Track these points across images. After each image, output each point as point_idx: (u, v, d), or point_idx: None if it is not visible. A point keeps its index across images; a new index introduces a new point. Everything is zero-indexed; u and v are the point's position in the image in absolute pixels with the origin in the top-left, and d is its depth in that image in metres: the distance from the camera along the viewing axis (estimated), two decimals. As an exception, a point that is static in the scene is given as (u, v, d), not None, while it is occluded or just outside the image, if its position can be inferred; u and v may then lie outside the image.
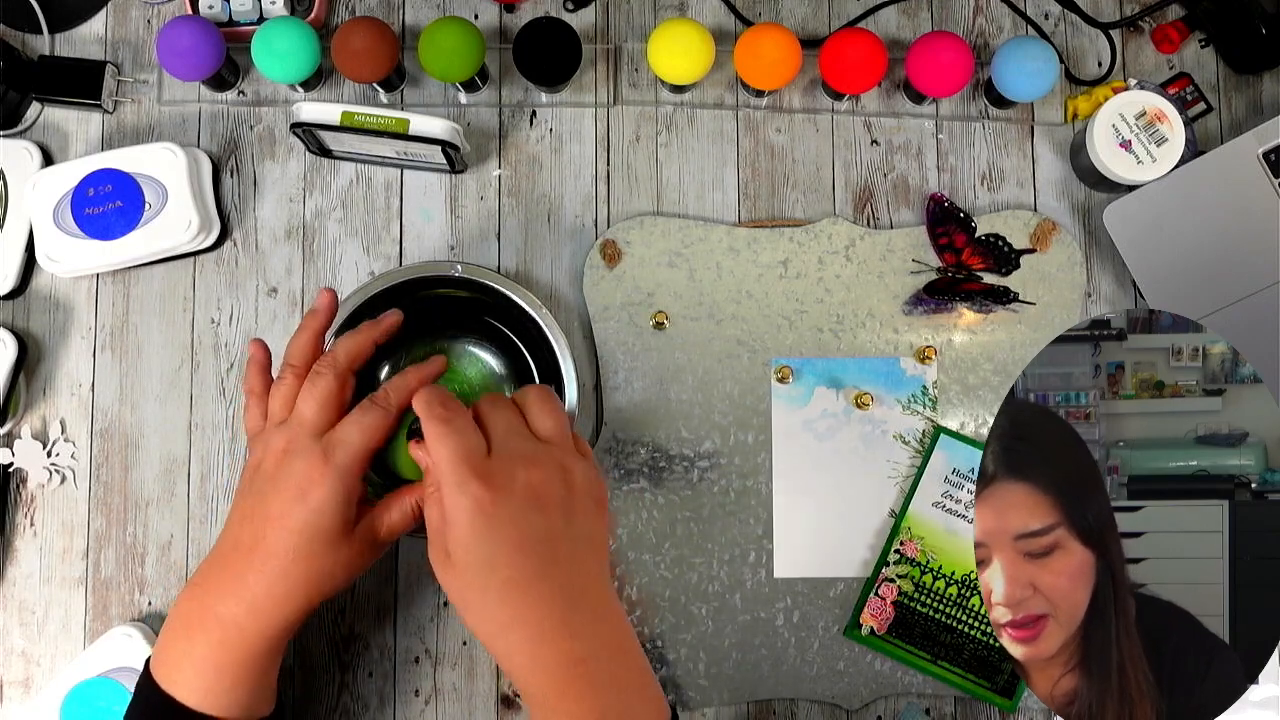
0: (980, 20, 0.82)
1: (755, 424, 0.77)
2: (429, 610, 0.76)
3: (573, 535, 0.57)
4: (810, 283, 0.78)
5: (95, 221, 0.74)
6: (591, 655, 0.56)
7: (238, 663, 0.59)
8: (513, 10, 0.81)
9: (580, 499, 0.58)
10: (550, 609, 0.55)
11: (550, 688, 0.55)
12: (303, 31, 0.74)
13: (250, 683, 0.60)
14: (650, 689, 0.58)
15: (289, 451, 0.59)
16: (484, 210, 0.79)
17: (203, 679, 0.58)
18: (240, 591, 0.59)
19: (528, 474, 0.56)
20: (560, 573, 0.56)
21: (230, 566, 0.59)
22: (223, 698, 0.59)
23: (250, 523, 0.59)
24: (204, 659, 0.59)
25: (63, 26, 0.81)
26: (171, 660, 0.60)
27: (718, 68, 0.78)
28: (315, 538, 0.58)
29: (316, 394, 0.60)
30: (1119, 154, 0.75)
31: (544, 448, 0.58)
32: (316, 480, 0.58)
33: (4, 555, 0.76)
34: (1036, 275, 0.78)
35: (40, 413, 0.77)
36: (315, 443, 0.59)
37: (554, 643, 0.55)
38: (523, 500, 0.56)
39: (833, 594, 0.76)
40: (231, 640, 0.59)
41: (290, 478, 0.58)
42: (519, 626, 0.55)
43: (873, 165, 0.80)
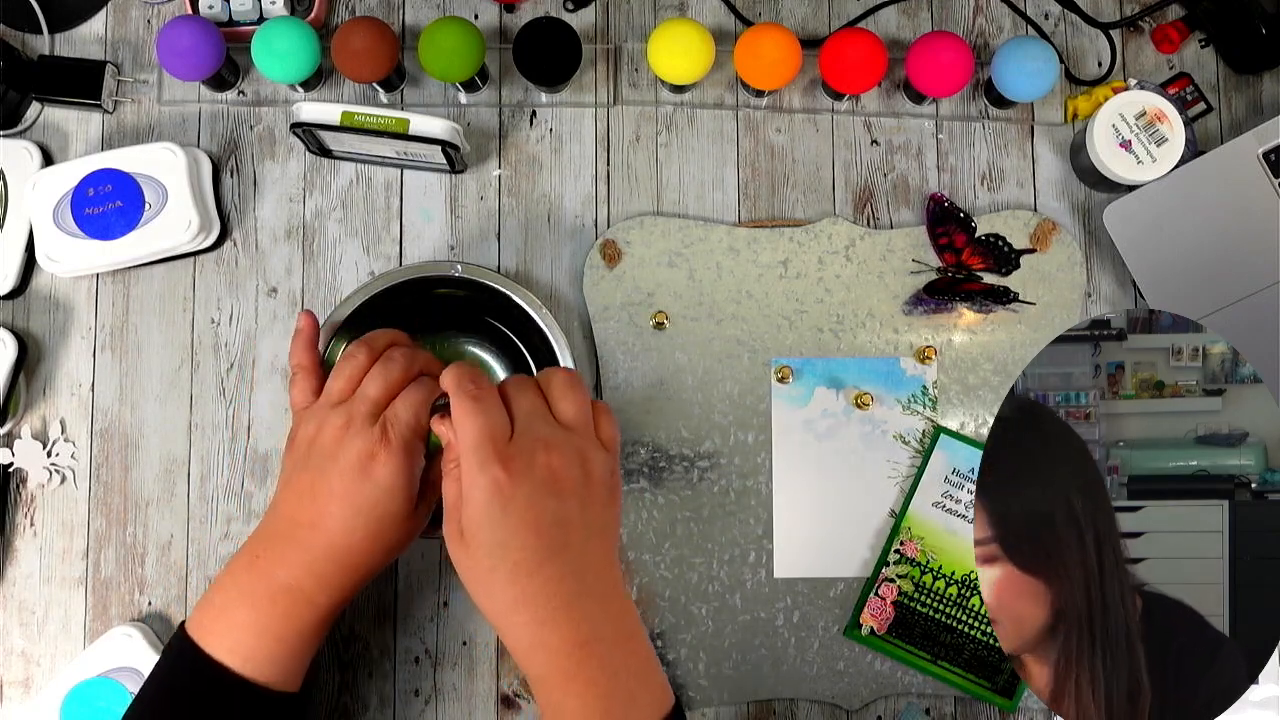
0: (980, 20, 0.82)
1: (755, 424, 0.77)
2: (429, 610, 0.76)
3: (586, 522, 0.57)
4: (810, 283, 0.78)
5: (95, 221, 0.74)
6: (596, 639, 0.56)
7: (299, 633, 0.60)
8: (513, 10, 0.81)
9: (596, 487, 0.58)
10: (557, 591, 0.55)
11: (554, 670, 0.56)
12: (303, 31, 0.74)
13: (304, 654, 0.61)
14: (655, 677, 0.58)
15: (349, 429, 0.59)
16: (484, 210, 0.79)
17: (263, 646, 0.59)
18: (309, 564, 0.59)
19: (547, 458, 0.56)
20: (570, 557, 0.56)
21: (294, 541, 0.59)
22: (274, 665, 0.59)
23: (311, 498, 0.59)
24: (267, 628, 0.59)
25: (63, 26, 0.81)
26: (223, 629, 0.59)
27: (718, 68, 0.78)
28: (384, 516, 0.59)
29: (388, 377, 0.60)
30: (1119, 154, 0.75)
31: (565, 434, 0.58)
32: (381, 459, 0.58)
33: (4, 555, 0.76)
34: (1036, 275, 0.78)
35: (40, 413, 0.77)
36: (373, 421, 0.59)
37: (559, 625, 0.55)
38: (539, 484, 0.56)
39: (833, 594, 0.76)
40: (298, 610, 0.59)
41: (351, 455, 0.58)
42: (525, 608, 0.55)
43: (873, 165, 0.80)
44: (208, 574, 0.76)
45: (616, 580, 0.59)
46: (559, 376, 0.60)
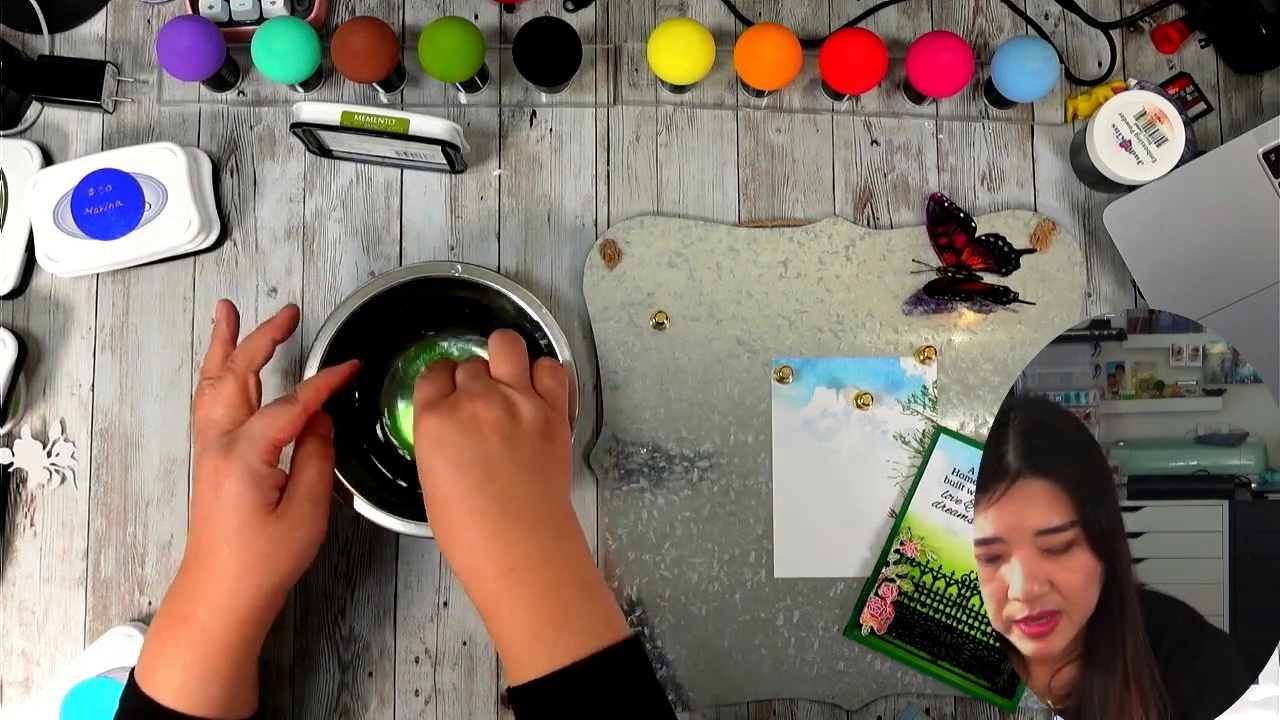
0: (980, 20, 0.82)
1: (755, 424, 0.77)
2: (429, 610, 0.76)
3: (515, 460, 0.61)
4: (810, 283, 0.78)
5: (95, 221, 0.74)
6: (524, 563, 0.59)
7: (207, 659, 0.62)
8: (513, 10, 0.81)
9: (525, 429, 0.62)
10: (481, 521, 0.59)
11: (485, 595, 0.60)
12: (303, 31, 0.74)
13: (223, 679, 0.63)
14: (600, 608, 0.60)
15: (202, 453, 0.64)
16: (484, 210, 0.79)
17: (177, 678, 0.62)
18: (198, 593, 0.63)
19: (472, 404, 0.61)
20: (495, 490, 0.60)
21: (189, 572, 0.64)
22: (198, 695, 0.62)
23: (193, 530, 0.64)
24: (177, 659, 0.62)
25: (63, 26, 0.81)
26: (149, 664, 0.63)
27: (718, 68, 0.78)
28: (240, 528, 0.62)
29: (220, 397, 0.65)
30: (1119, 154, 0.75)
31: (494, 385, 0.63)
32: (223, 473, 0.62)
33: (4, 555, 0.76)
34: (1036, 275, 0.78)
35: (40, 413, 0.77)
36: (221, 439, 0.64)
37: (486, 551, 0.59)
38: (461, 426, 0.61)
39: (833, 594, 0.76)
40: (198, 638, 0.62)
41: (206, 476, 0.63)
42: (459, 540, 0.60)
43: (873, 165, 0.80)
44: (208, 574, 0.76)
45: (555, 514, 0.62)
46: (495, 341, 0.66)
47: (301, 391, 0.66)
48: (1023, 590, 0.72)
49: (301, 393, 0.66)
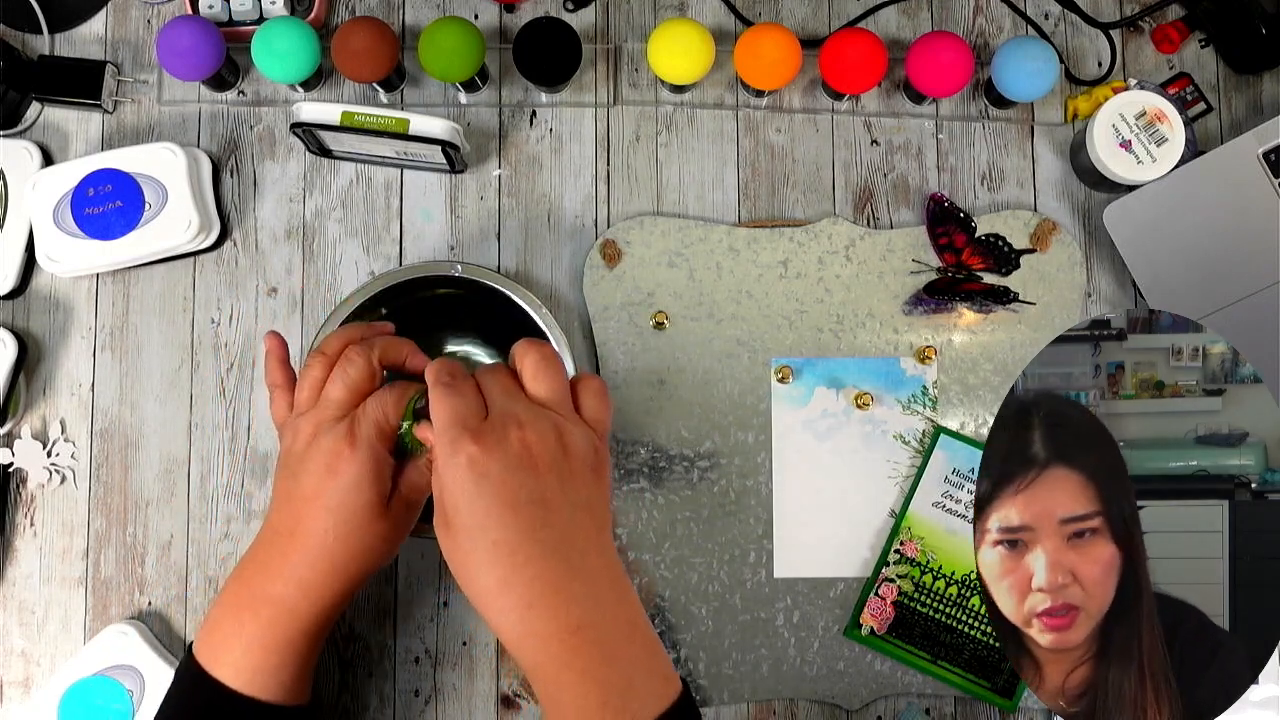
0: (980, 20, 0.82)
1: (755, 424, 0.77)
2: (429, 610, 0.76)
3: (570, 500, 0.55)
4: (810, 283, 0.78)
5: (95, 221, 0.74)
6: (590, 624, 0.53)
7: (287, 642, 0.59)
8: (513, 10, 0.81)
9: (577, 464, 0.56)
10: (541, 571, 0.53)
11: (546, 658, 0.53)
12: (303, 31, 0.74)
13: (296, 664, 0.60)
14: (658, 664, 0.55)
15: (317, 433, 0.59)
16: (484, 210, 0.79)
17: (251, 659, 0.59)
18: (288, 572, 0.59)
19: (520, 434, 0.54)
20: (553, 536, 0.54)
21: (275, 549, 0.60)
22: (269, 678, 0.59)
23: (289, 505, 0.59)
24: (254, 639, 0.59)
25: (63, 26, 0.81)
26: (218, 642, 0.60)
27: (718, 68, 0.78)
28: (352, 514, 0.58)
29: (348, 379, 0.60)
30: (1119, 154, 0.75)
31: (539, 410, 0.56)
32: (345, 456, 0.58)
33: (4, 555, 0.76)
34: (1036, 275, 0.78)
35: (40, 413, 0.77)
36: (340, 423, 0.59)
37: (547, 609, 0.53)
38: (514, 460, 0.54)
39: (833, 594, 0.76)
40: (283, 619, 0.59)
41: (319, 457, 0.58)
42: (509, 591, 0.53)
43: (873, 165, 0.80)
44: (208, 574, 0.76)
45: (612, 564, 0.56)
46: (531, 356, 0.58)
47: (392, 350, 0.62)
48: (1046, 580, 0.71)
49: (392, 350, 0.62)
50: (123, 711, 0.72)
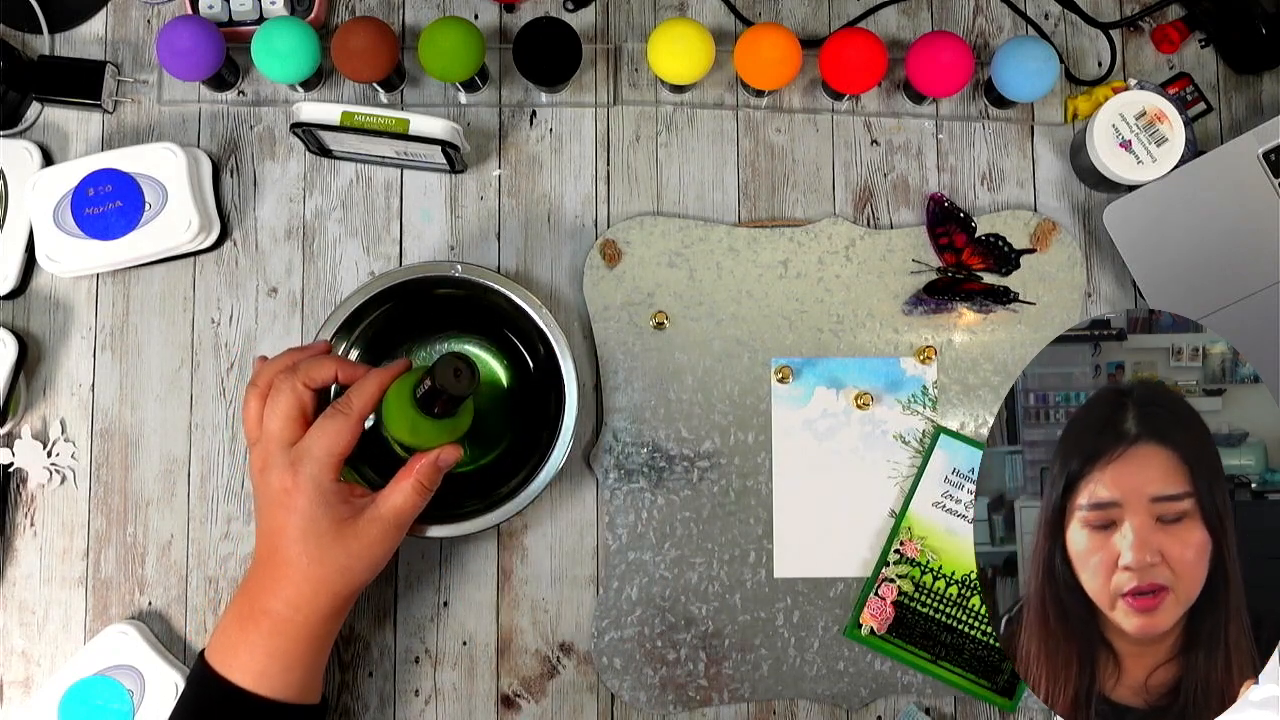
0: (980, 20, 0.82)
1: (755, 424, 0.77)
2: (429, 610, 0.76)
3: None
4: (810, 283, 0.78)
5: (95, 221, 0.74)
6: None
7: (288, 649, 0.64)
8: (513, 10, 0.81)
9: None
10: None
11: None
12: (303, 31, 0.74)
13: (302, 668, 0.64)
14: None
15: (266, 468, 0.63)
16: (484, 210, 0.79)
17: (258, 663, 0.63)
18: (278, 591, 0.63)
19: None
20: None
21: (266, 571, 0.64)
22: (277, 680, 0.63)
23: (264, 537, 0.64)
24: (259, 646, 0.63)
25: (63, 26, 0.81)
26: (228, 648, 0.64)
27: (718, 68, 0.78)
28: (317, 540, 0.62)
29: (278, 410, 0.63)
30: (1119, 154, 0.75)
31: None
32: (291, 491, 0.62)
33: (4, 555, 0.76)
34: (1036, 275, 0.78)
35: (40, 413, 0.77)
36: (285, 455, 0.63)
37: None
38: None
39: (833, 594, 0.76)
40: (282, 629, 0.63)
41: (270, 493, 0.63)
42: None
43: (873, 165, 0.80)
44: (208, 574, 0.76)
45: None
46: None
47: (355, 399, 0.64)
48: (1134, 558, 0.69)
49: (356, 400, 0.64)
50: (123, 711, 0.72)
